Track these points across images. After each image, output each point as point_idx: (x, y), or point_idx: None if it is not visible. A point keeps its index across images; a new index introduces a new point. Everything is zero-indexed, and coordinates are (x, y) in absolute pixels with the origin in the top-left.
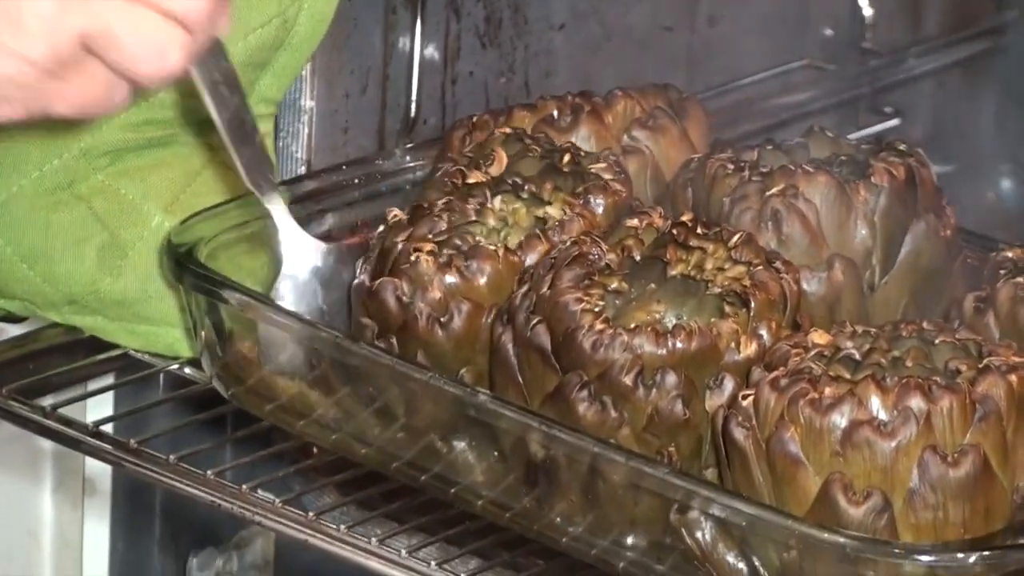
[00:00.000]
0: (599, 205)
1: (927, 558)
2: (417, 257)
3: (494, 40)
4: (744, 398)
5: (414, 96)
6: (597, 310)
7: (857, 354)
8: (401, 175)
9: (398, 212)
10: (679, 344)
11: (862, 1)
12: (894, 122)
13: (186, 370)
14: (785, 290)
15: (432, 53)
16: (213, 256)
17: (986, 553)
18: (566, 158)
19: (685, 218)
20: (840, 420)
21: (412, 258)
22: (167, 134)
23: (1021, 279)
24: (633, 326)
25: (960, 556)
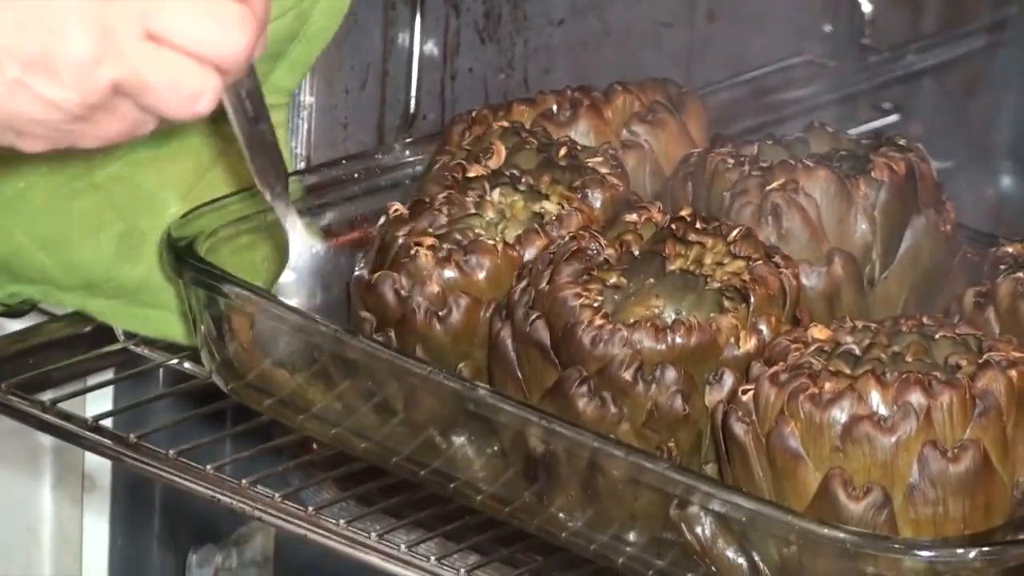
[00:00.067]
0: (597, 199)
1: (927, 553)
2: (416, 251)
3: (493, 36)
4: (744, 393)
5: (413, 92)
6: (596, 305)
7: (857, 349)
8: (400, 170)
9: (399, 206)
10: (679, 339)
11: None
12: (893, 118)
13: (186, 365)
14: (784, 285)
15: (431, 49)
16: (213, 250)
17: (986, 548)
18: (563, 152)
19: (684, 213)
20: (840, 415)
21: (412, 252)
22: (182, 124)
23: (1021, 274)
24: (632, 321)
25: (960, 551)
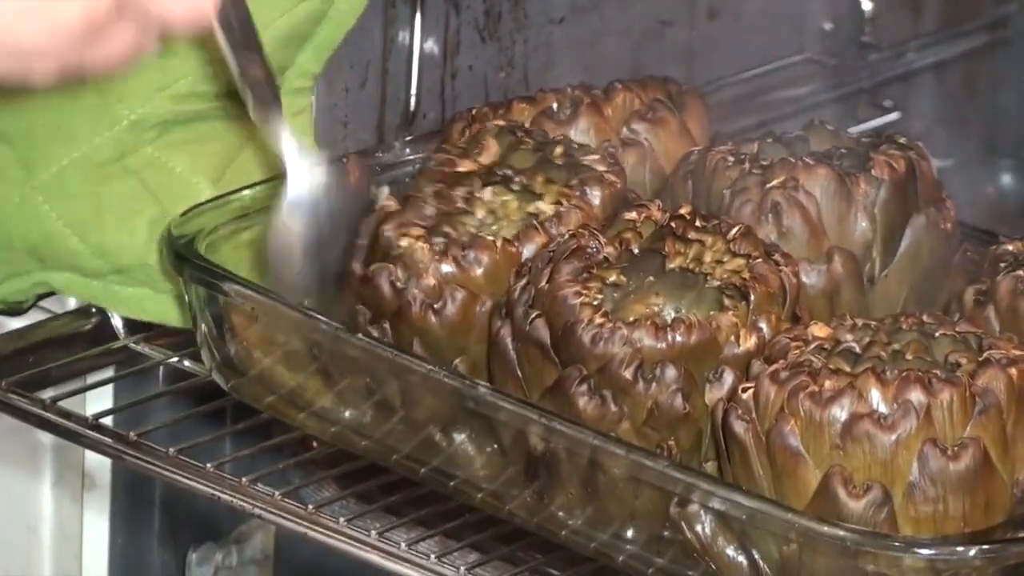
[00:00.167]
0: (595, 196)
1: (927, 551)
2: (411, 244)
3: (493, 34)
4: (744, 391)
5: (414, 90)
6: (596, 303)
7: (857, 347)
8: (401, 168)
9: (389, 201)
10: (679, 337)
11: None
12: (894, 116)
13: (186, 363)
14: (784, 283)
15: (432, 47)
16: (213, 248)
17: (986, 546)
18: (558, 150)
19: (683, 211)
20: (840, 413)
21: (403, 243)
22: (212, 107)
23: (1021, 272)
24: (632, 320)
25: (960, 549)
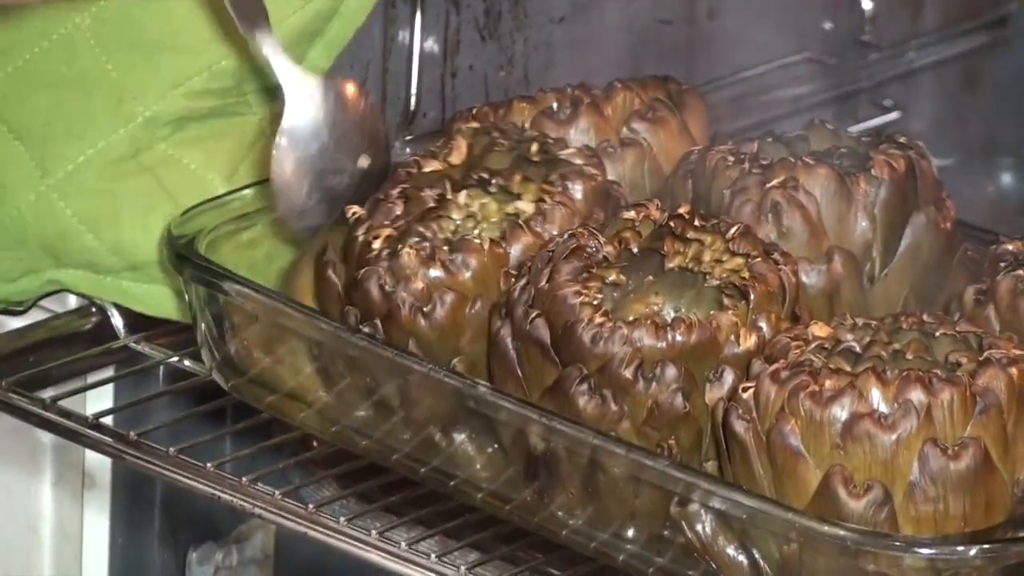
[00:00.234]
0: (577, 191)
1: (927, 551)
2: (391, 247)
3: (494, 33)
4: (744, 391)
5: (414, 89)
6: (596, 303)
7: (857, 347)
8: (401, 167)
9: (356, 209)
10: (679, 337)
11: None
12: (894, 115)
13: (186, 362)
14: (784, 282)
15: (432, 46)
16: (213, 247)
17: (986, 546)
18: (535, 147)
19: (682, 210)
20: (840, 413)
21: (375, 246)
22: (225, 103)
23: (1021, 272)
24: (632, 319)
25: (960, 549)
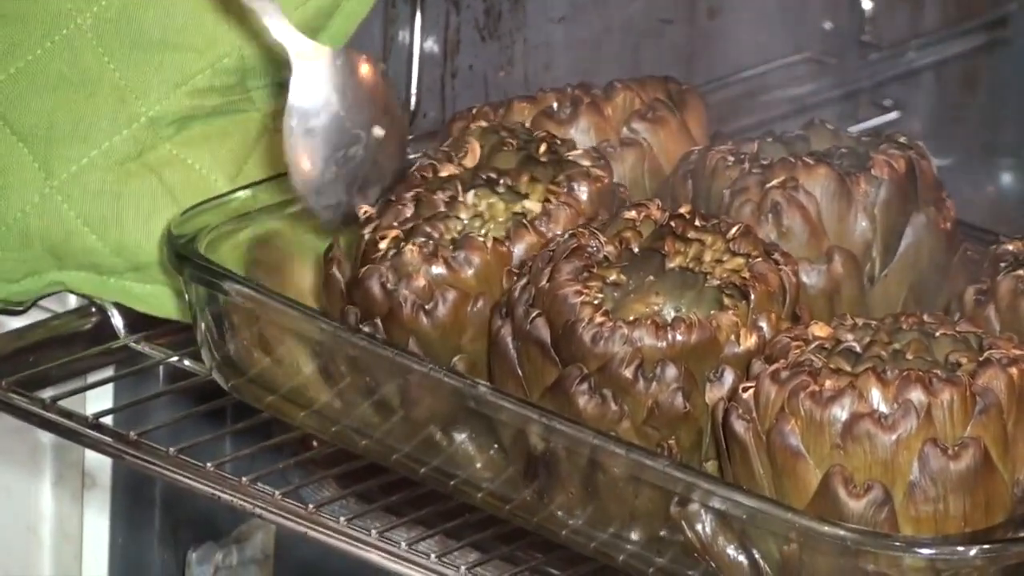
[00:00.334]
0: (583, 192)
1: (927, 551)
2: (398, 246)
3: (494, 33)
4: (744, 391)
5: (414, 89)
6: (596, 303)
7: (857, 347)
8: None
9: (367, 208)
10: (679, 337)
11: None
12: (894, 115)
13: (186, 362)
14: (784, 282)
15: (432, 46)
16: (213, 247)
17: (987, 546)
18: (543, 148)
19: (683, 210)
20: (841, 413)
21: (381, 246)
22: (229, 101)
23: (1021, 272)
24: (633, 319)
25: (961, 549)
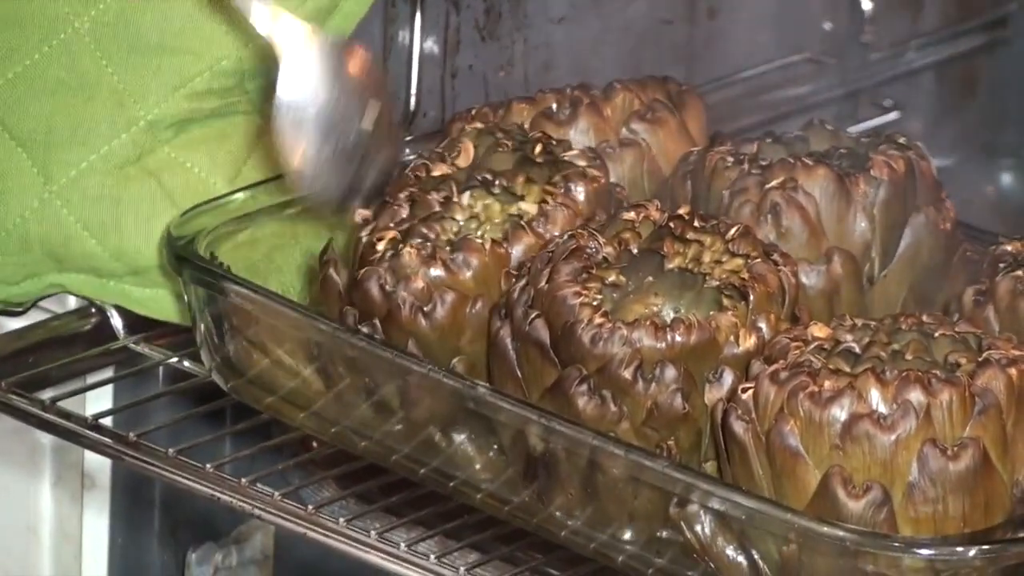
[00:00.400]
0: (580, 192)
1: (927, 552)
2: (395, 248)
3: (493, 33)
4: (744, 391)
5: (413, 89)
6: (596, 304)
7: (857, 347)
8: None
9: (363, 211)
10: (678, 338)
11: None
12: (893, 115)
13: (185, 363)
14: (783, 283)
15: (431, 46)
16: (212, 248)
17: (986, 547)
18: (538, 148)
19: (682, 211)
20: (840, 413)
21: (379, 248)
22: (228, 103)
23: (1020, 272)
24: (632, 320)
25: (960, 550)
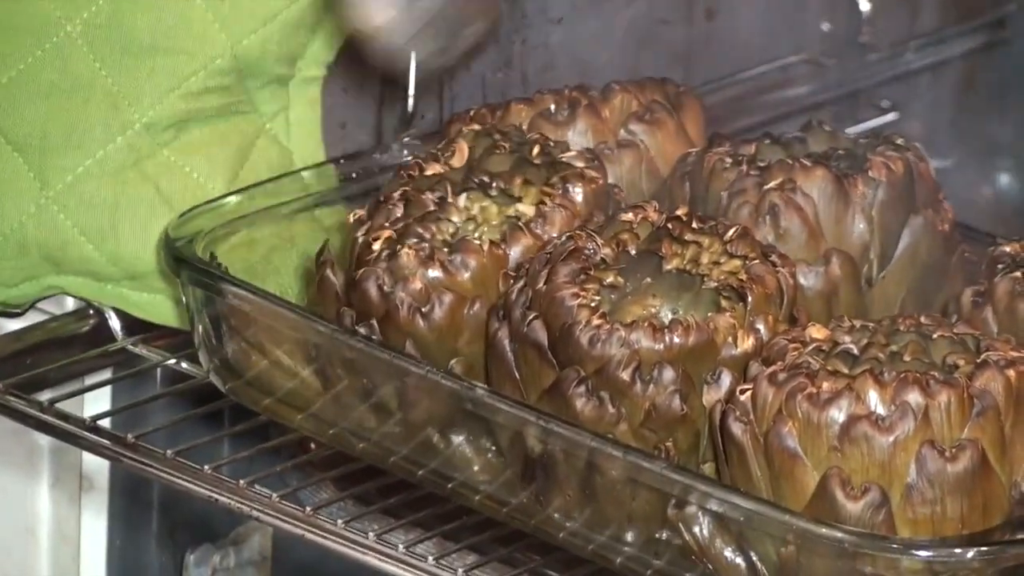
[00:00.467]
0: (578, 193)
1: (925, 553)
2: (391, 248)
3: (492, 34)
4: (742, 393)
5: (412, 91)
6: (594, 305)
7: (855, 349)
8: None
9: (358, 211)
10: (676, 339)
11: None
12: (892, 116)
13: (183, 364)
14: (781, 284)
15: None
16: (210, 249)
17: (984, 548)
18: (536, 150)
19: (680, 212)
20: (838, 415)
21: (375, 248)
22: (226, 103)
23: (1019, 273)
24: (630, 321)
25: (958, 551)
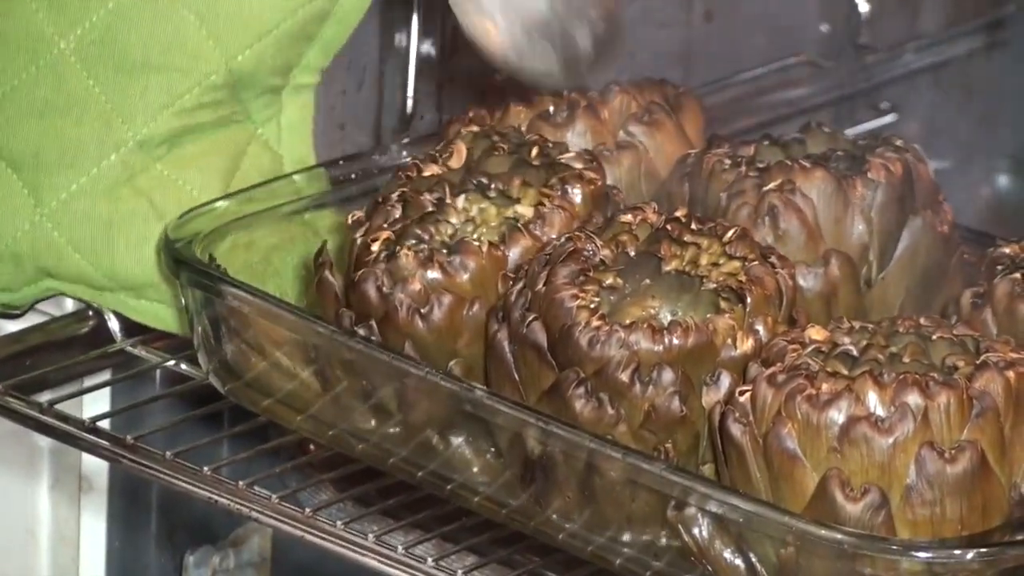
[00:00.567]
0: (576, 195)
1: (924, 555)
2: (390, 249)
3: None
4: (741, 394)
5: (410, 92)
6: (593, 306)
7: (854, 350)
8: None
9: (357, 212)
10: (676, 340)
11: None
12: (891, 118)
13: (183, 366)
14: (781, 285)
15: (429, 49)
16: (209, 251)
17: (983, 550)
18: (534, 151)
19: (679, 213)
20: (837, 416)
21: (373, 249)
22: (219, 116)
23: (1018, 275)
24: (629, 322)
25: (957, 553)
